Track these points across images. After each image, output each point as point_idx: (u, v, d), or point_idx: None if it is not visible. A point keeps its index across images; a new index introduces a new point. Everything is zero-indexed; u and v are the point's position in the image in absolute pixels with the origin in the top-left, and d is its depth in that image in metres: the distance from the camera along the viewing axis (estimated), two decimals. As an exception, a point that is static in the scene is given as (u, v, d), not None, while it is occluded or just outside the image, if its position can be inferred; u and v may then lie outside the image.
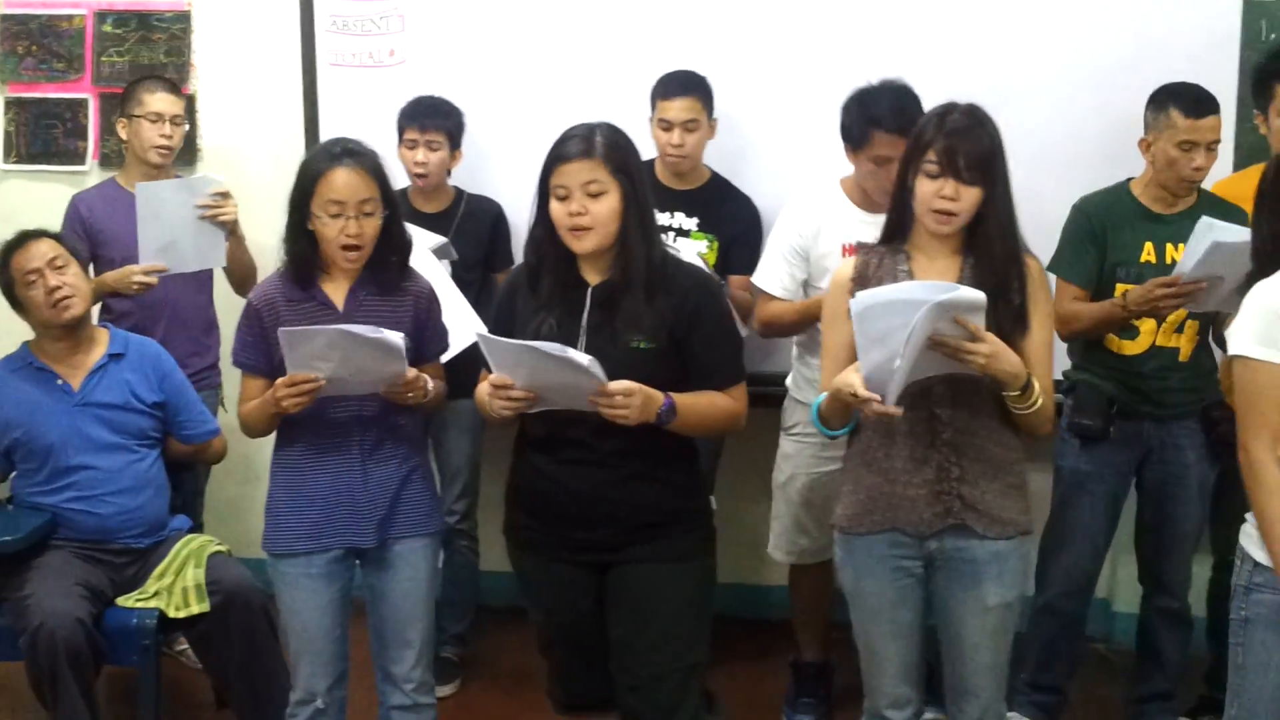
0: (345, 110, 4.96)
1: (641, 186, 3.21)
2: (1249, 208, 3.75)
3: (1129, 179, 4.13)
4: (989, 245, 3.14)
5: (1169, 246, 3.96)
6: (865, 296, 2.98)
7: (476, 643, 4.93)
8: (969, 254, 3.17)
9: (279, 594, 3.56)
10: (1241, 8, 4.53)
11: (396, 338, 3.27)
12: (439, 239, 4.33)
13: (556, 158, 3.17)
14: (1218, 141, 3.97)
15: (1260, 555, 3.06)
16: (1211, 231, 3.68)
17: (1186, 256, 3.79)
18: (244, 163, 5.14)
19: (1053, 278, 4.07)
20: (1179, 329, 4.04)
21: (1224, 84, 4.48)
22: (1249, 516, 3.08)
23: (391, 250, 3.48)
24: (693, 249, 4.35)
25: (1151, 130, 4.02)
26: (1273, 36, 4.49)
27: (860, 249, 3.31)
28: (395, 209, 3.47)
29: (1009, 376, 3.05)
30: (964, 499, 3.17)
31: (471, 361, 3.34)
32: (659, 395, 3.10)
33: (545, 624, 3.46)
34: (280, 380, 3.34)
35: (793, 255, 4.04)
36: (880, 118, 3.83)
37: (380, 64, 4.96)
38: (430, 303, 3.56)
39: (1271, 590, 3.02)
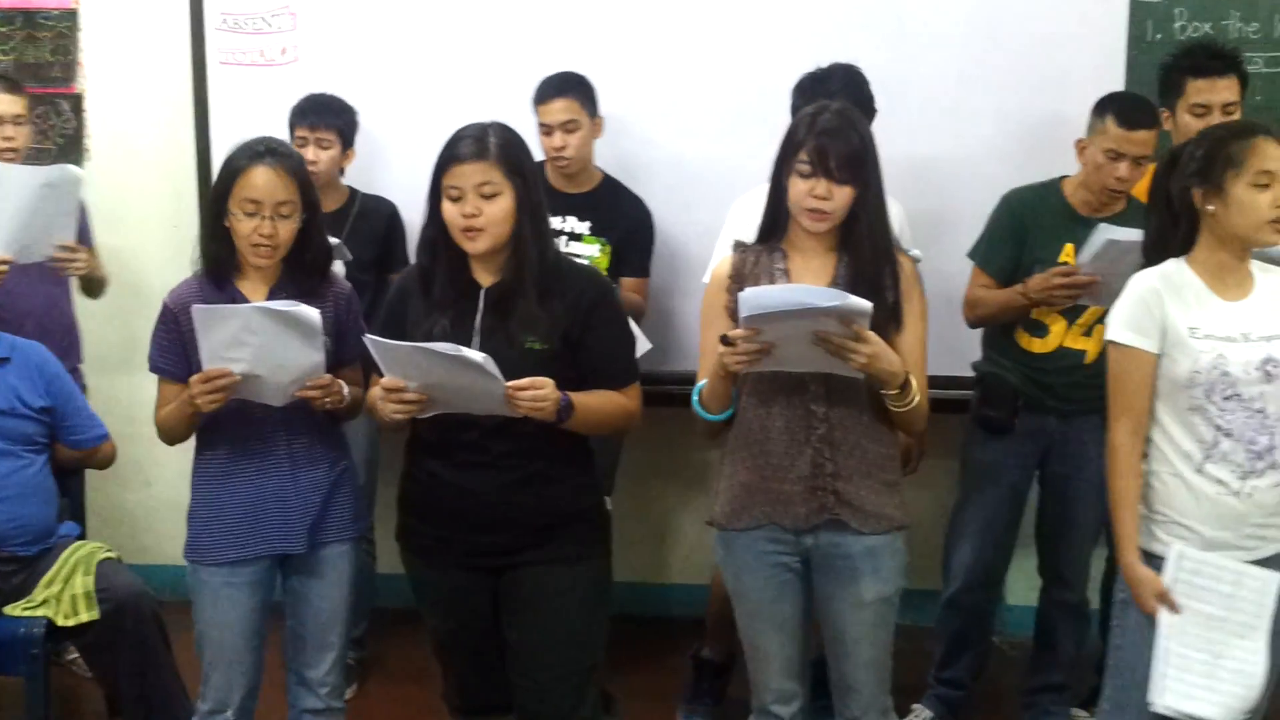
0: (237, 109, 4.90)
1: (535, 187, 3.19)
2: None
3: (1062, 176, 4.15)
4: (862, 243, 3.17)
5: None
6: (754, 295, 2.99)
7: (373, 645, 4.89)
8: (843, 252, 3.20)
9: (198, 603, 3.48)
10: (1128, 9, 4.60)
11: (313, 313, 3.21)
12: (331, 241, 4.26)
13: (449, 158, 3.15)
14: (1147, 156, 3.96)
15: (1146, 544, 3.15)
16: (1108, 230, 3.74)
17: (1084, 250, 3.84)
18: (132, 162, 5.08)
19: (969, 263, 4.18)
20: (1087, 332, 4.08)
21: (1112, 83, 4.55)
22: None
23: (311, 254, 3.43)
24: (585, 254, 4.33)
25: (1089, 133, 4.04)
26: (1158, 36, 4.57)
27: (737, 247, 3.32)
28: (316, 212, 3.42)
29: (888, 375, 3.08)
30: (839, 495, 3.19)
31: (368, 364, 3.31)
32: (557, 393, 3.10)
33: (440, 628, 3.43)
34: (194, 376, 3.28)
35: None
36: (836, 94, 3.81)
37: (272, 62, 4.90)
38: (350, 305, 3.51)
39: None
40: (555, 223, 4.35)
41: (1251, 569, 3.09)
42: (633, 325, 3.73)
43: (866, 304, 2.97)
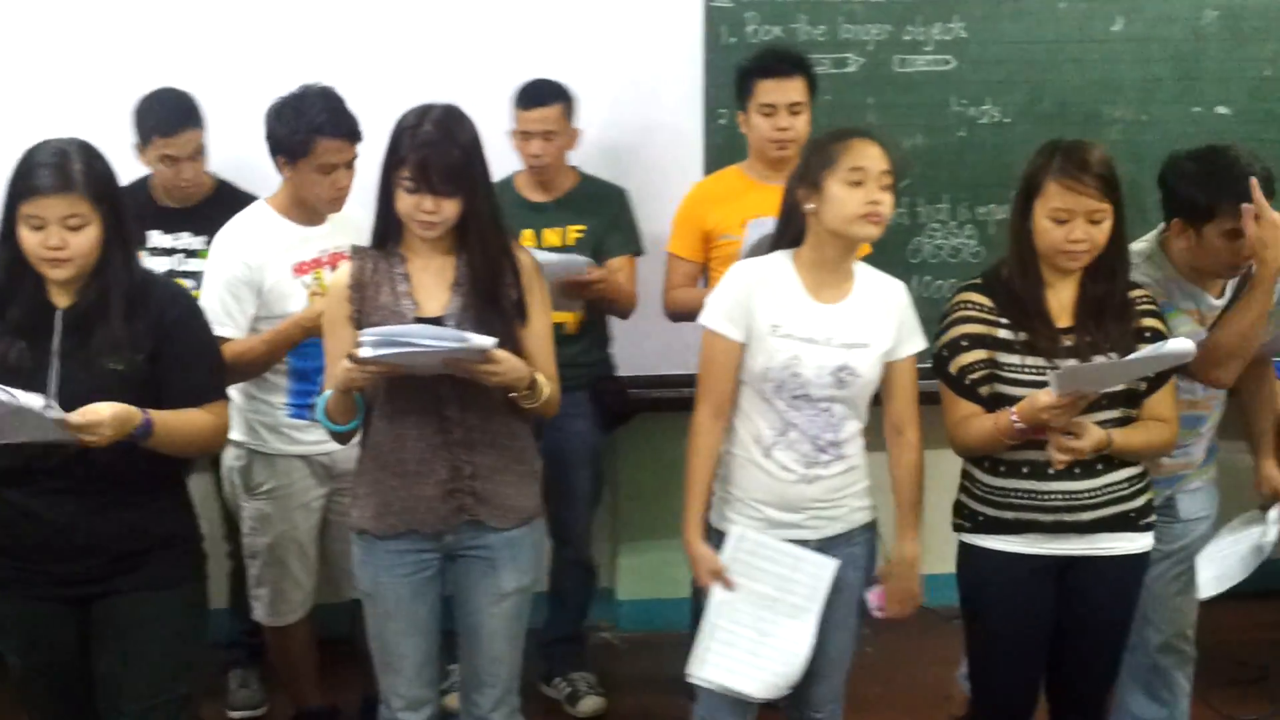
0: None
1: (122, 209, 3.06)
2: (724, 208, 4.13)
3: (514, 173, 4.31)
4: (476, 245, 3.17)
5: (546, 232, 4.25)
6: (375, 337, 2.95)
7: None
8: (462, 251, 3.20)
9: None
10: (703, 13, 4.73)
11: None
12: None
13: (29, 189, 2.96)
14: (552, 132, 4.21)
15: (717, 523, 3.28)
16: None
17: None
18: None
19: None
20: None
21: (692, 86, 4.75)
22: (714, 488, 3.28)
23: None
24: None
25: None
26: (733, 40, 4.72)
27: (355, 253, 3.28)
28: None
29: (517, 381, 3.11)
30: (477, 494, 3.21)
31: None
32: (135, 412, 2.96)
33: (23, 667, 3.23)
34: None
35: (241, 289, 3.80)
36: (322, 125, 3.72)
37: None
38: None
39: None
40: (167, 241, 4.19)
41: (811, 554, 3.24)
42: None
43: (489, 340, 2.98)
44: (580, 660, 4.70)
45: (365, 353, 2.95)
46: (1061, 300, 3.23)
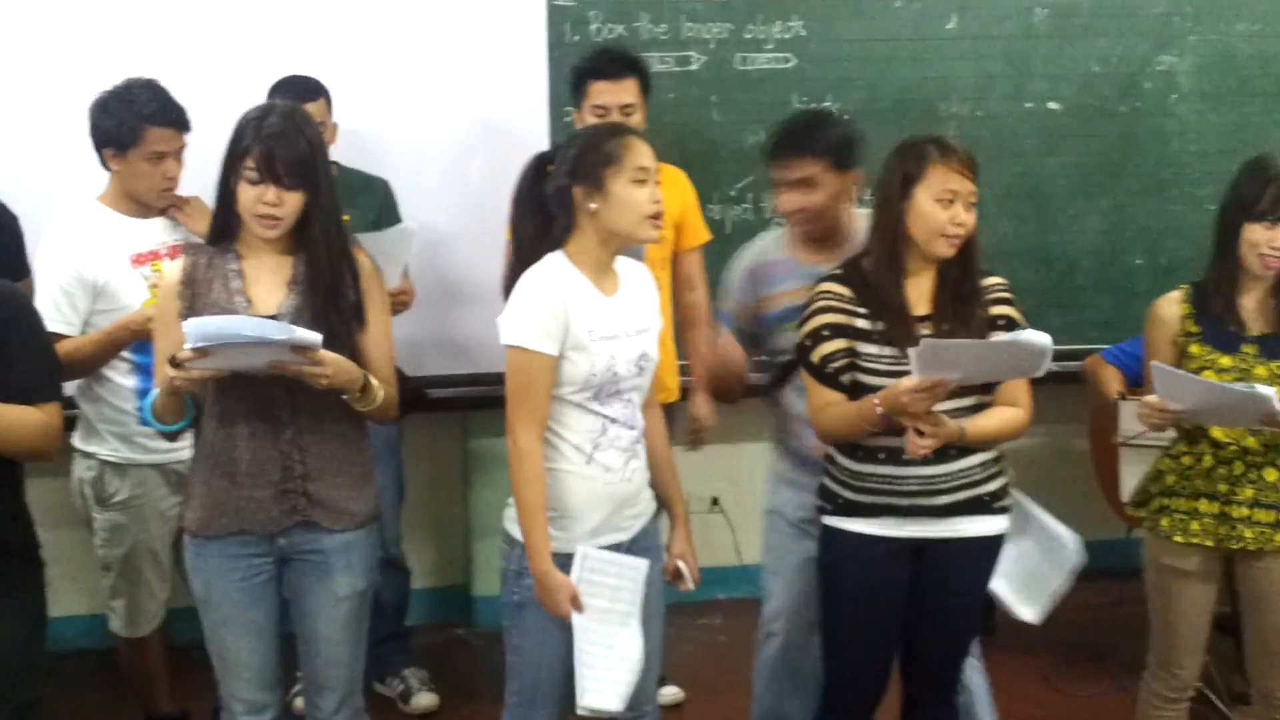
0: None
1: None
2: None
3: None
4: (318, 244, 3.14)
5: None
6: (198, 327, 2.92)
7: None
8: (300, 252, 3.17)
9: None
10: (546, 11, 4.76)
11: None
12: None
13: None
14: (321, 124, 4.08)
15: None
16: None
17: None
18: None
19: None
20: None
21: (536, 85, 4.77)
22: (511, 502, 3.20)
23: None
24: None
25: None
26: (576, 38, 4.76)
27: (188, 249, 3.24)
28: None
29: (348, 384, 3.09)
30: (310, 496, 3.18)
31: None
32: None
33: None
34: None
35: (75, 286, 3.76)
36: (152, 114, 3.72)
37: None
38: None
39: None
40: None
41: (628, 559, 3.21)
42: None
43: (315, 336, 2.96)
44: (410, 658, 4.72)
45: (190, 337, 2.90)
46: (921, 289, 3.29)
